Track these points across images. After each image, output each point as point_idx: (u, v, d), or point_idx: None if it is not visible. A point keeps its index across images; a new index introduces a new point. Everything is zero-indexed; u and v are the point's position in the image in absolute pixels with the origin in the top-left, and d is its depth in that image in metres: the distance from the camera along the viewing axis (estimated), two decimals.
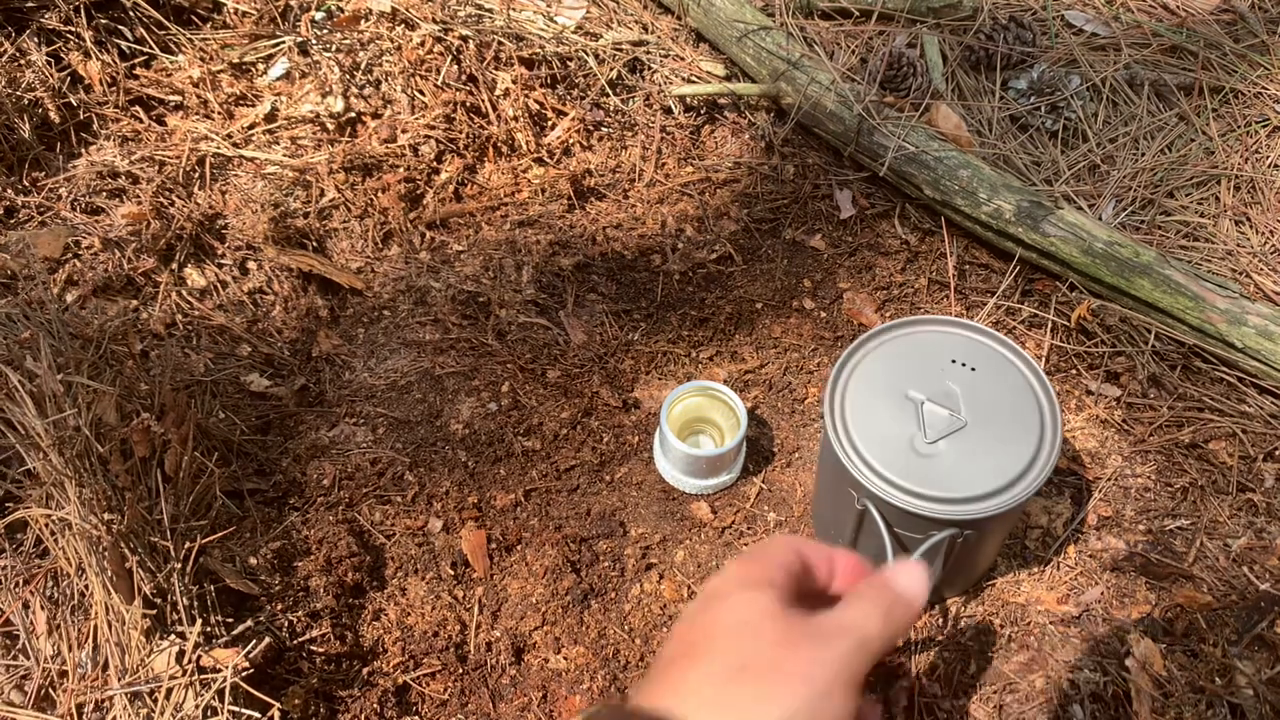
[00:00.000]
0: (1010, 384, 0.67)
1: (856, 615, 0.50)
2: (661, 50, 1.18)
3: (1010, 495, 0.62)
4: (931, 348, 0.69)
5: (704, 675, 0.46)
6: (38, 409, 0.71)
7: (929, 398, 0.66)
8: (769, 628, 0.47)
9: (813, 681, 0.46)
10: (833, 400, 0.67)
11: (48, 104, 1.04)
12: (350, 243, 1.03)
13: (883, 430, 0.65)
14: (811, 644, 0.47)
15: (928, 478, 0.63)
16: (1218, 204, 1.05)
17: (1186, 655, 0.76)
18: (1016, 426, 0.65)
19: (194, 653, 0.69)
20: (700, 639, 0.48)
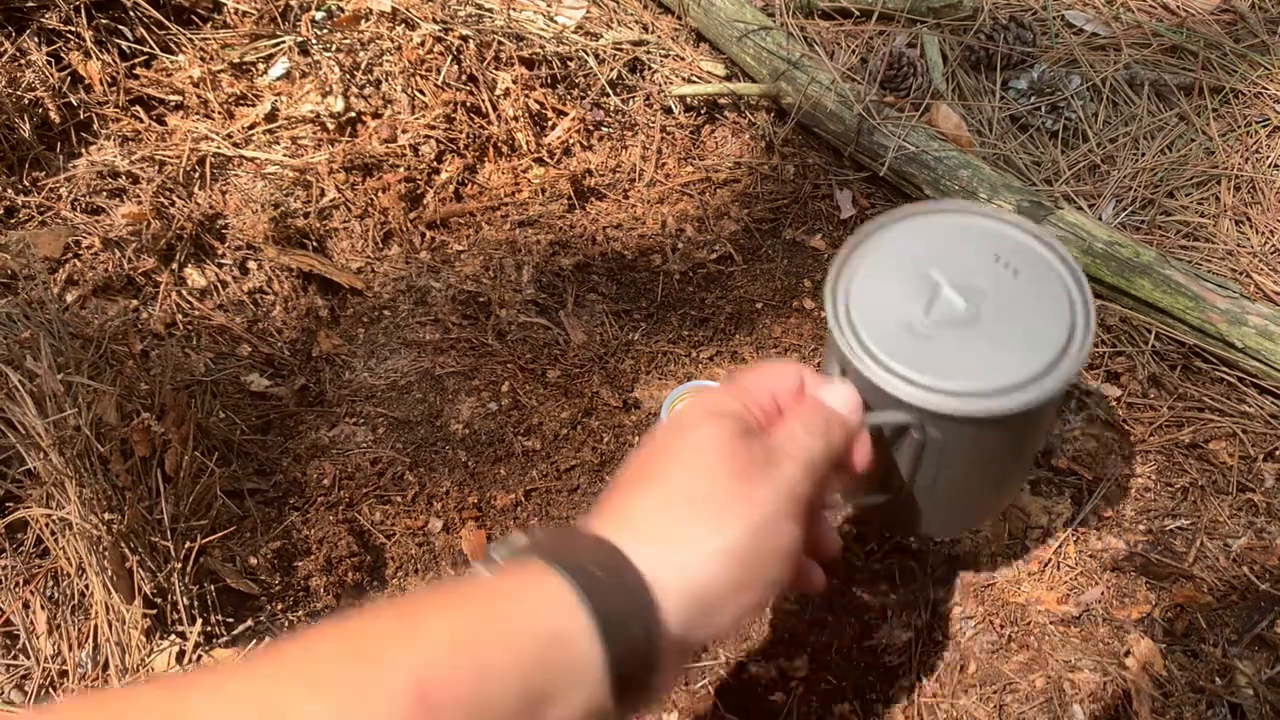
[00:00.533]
0: (1048, 302, 0.57)
1: (799, 437, 0.49)
2: (662, 50, 1.18)
3: (983, 403, 0.53)
4: (980, 237, 0.60)
5: (650, 503, 0.45)
6: (38, 409, 0.71)
7: (951, 283, 0.58)
8: (723, 460, 0.46)
9: (756, 515, 0.45)
10: (848, 258, 0.59)
11: (48, 104, 1.04)
12: (350, 243, 1.03)
13: (887, 298, 0.57)
14: (760, 473, 0.46)
15: (906, 357, 0.55)
16: (1218, 204, 1.05)
17: (1186, 655, 0.76)
18: (1029, 345, 0.56)
19: (194, 652, 0.69)
20: (655, 466, 0.47)
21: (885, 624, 0.79)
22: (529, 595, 0.39)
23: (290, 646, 0.36)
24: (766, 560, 0.45)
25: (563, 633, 0.38)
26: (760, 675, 0.75)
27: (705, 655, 0.76)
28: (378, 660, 0.35)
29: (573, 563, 0.40)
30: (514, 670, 0.37)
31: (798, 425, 0.50)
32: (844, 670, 0.76)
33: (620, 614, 0.40)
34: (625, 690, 0.40)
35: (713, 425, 0.48)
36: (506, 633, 0.37)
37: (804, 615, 0.79)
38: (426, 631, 0.36)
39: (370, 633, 0.37)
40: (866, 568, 0.82)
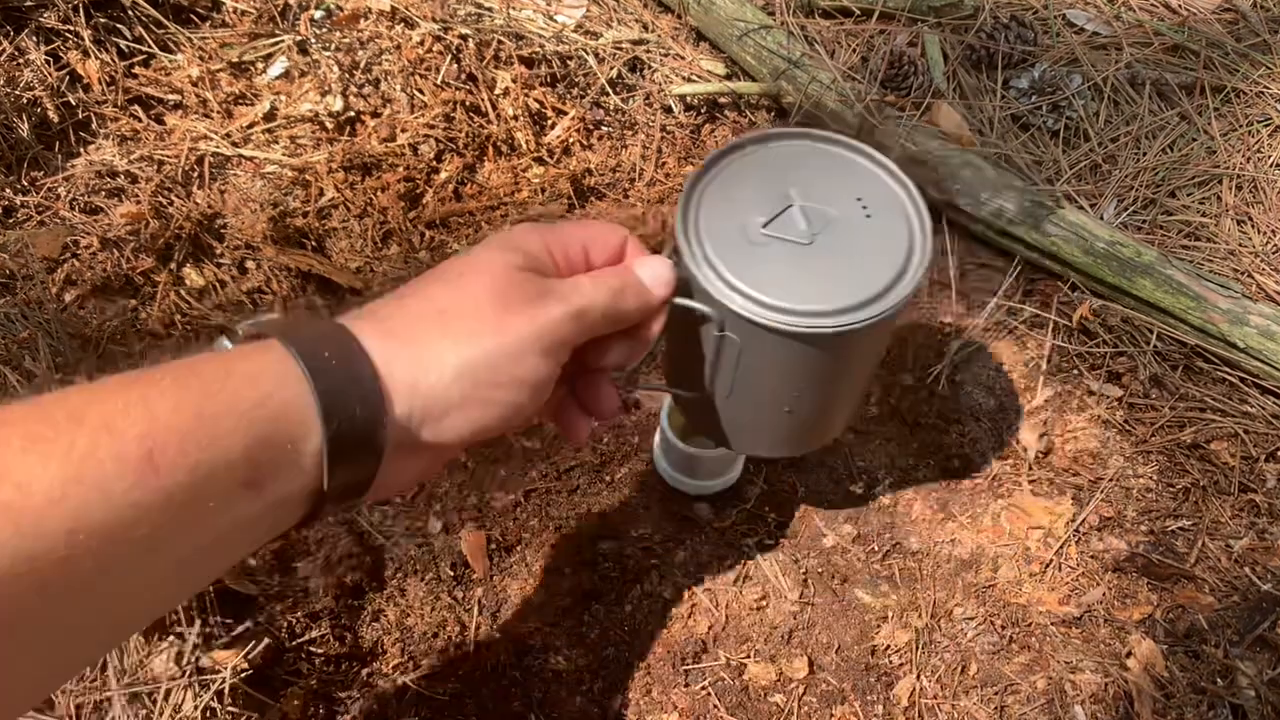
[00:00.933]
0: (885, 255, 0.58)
1: (584, 287, 0.51)
2: (662, 49, 1.17)
3: (775, 317, 0.54)
4: (853, 173, 0.62)
5: (406, 310, 0.47)
6: None
7: (802, 205, 0.59)
8: (489, 284, 0.47)
9: (505, 338, 0.46)
10: (720, 158, 0.61)
11: (46, 103, 1.04)
12: (349, 242, 1.02)
13: (738, 201, 0.59)
14: (525, 304, 0.48)
15: (729, 256, 0.56)
16: (1219, 204, 1.05)
17: (1188, 656, 0.76)
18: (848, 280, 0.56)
19: (193, 654, 0.69)
20: (429, 281, 0.49)
21: (885, 624, 0.79)
22: (259, 372, 0.40)
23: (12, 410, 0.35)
24: (500, 384, 0.46)
25: (287, 410, 0.40)
26: (760, 675, 0.75)
27: (705, 656, 0.76)
28: (107, 426, 0.35)
29: (307, 345, 0.42)
30: (239, 441, 0.38)
31: (587, 278, 0.52)
32: (844, 671, 0.76)
33: (342, 396, 0.41)
34: (342, 474, 0.42)
35: (495, 253, 0.50)
36: (233, 406, 0.38)
37: (804, 616, 0.79)
38: (157, 400, 0.37)
39: (99, 399, 0.36)
40: (867, 568, 0.82)
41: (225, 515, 0.38)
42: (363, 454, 0.42)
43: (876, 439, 0.90)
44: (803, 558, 0.82)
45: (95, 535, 0.34)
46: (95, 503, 0.34)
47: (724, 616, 0.79)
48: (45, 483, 0.33)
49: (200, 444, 0.37)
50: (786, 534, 0.84)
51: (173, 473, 0.36)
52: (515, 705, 0.74)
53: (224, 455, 0.37)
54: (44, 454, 0.34)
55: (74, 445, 0.34)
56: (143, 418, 0.36)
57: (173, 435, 0.36)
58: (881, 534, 0.84)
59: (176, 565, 0.38)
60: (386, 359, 0.44)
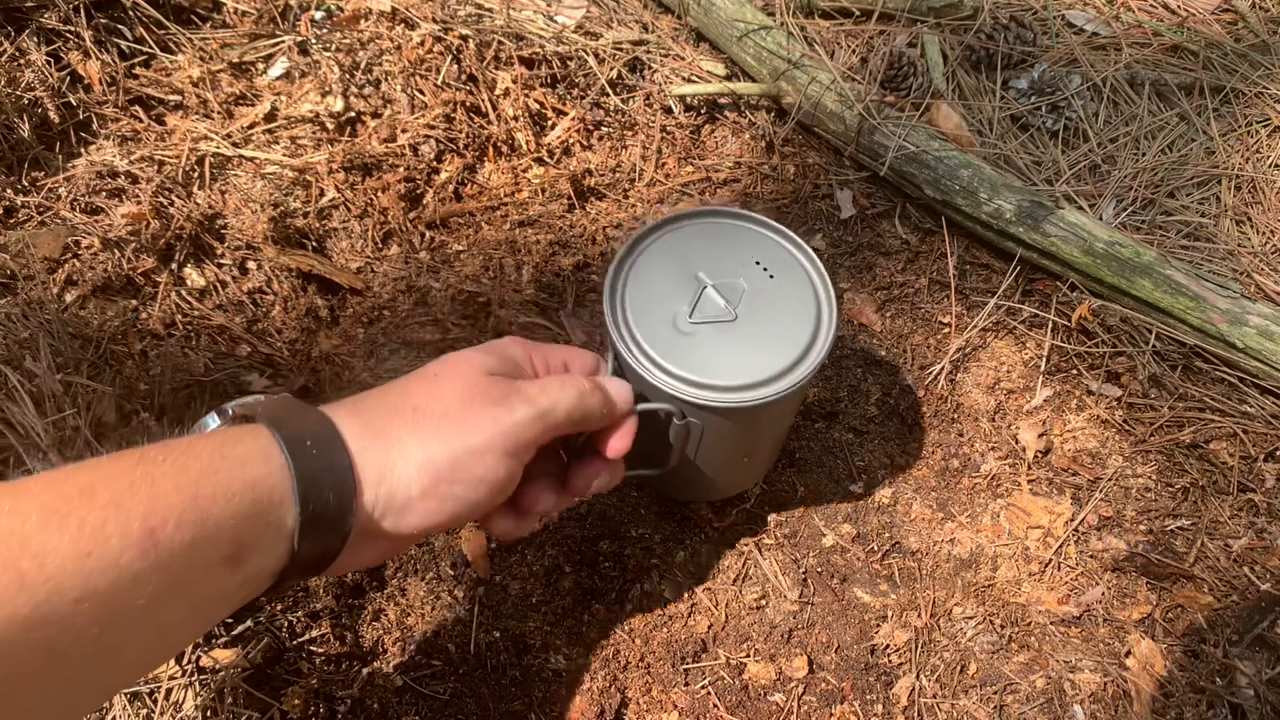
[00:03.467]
0: (797, 304, 0.66)
1: (550, 387, 0.54)
2: (662, 50, 1.18)
3: (734, 396, 0.61)
4: (743, 243, 0.69)
5: (384, 407, 0.52)
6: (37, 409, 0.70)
7: (715, 283, 0.65)
8: (460, 387, 0.51)
9: (471, 437, 0.50)
10: (626, 258, 0.67)
11: (47, 104, 1.04)
12: (350, 243, 1.03)
13: (658, 297, 0.65)
14: (492, 405, 0.51)
15: (671, 353, 0.62)
16: (1218, 204, 1.05)
17: (1187, 655, 0.76)
18: (778, 344, 0.63)
19: (193, 653, 0.69)
20: (409, 380, 0.53)
21: (885, 624, 0.79)
22: (249, 456, 0.44)
23: (31, 484, 0.39)
24: (460, 480, 0.50)
25: (271, 494, 0.44)
26: (760, 675, 0.75)
27: (705, 655, 0.76)
28: (116, 502, 0.39)
29: (292, 433, 0.46)
30: (227, 520, 0.42)
31: (554, 380, 0.55)
32: (843, 670, 0.76)
33: (318, 482, 0.45)
34: (308, 549, 0.45)
35: (474, 355, 0.54)
36: (225, 489, 0.42)
37: (804, 616, 0.79)
38: (160, 480, 0.41)
39: (107, 477, 0.40)
40: (867, 568, 0.82)
41: (209, 587, 0.42)
42: (330, 534, 0.46)
43: (876, 439, 0.90)
44: (802, 557, 0.82)
45: (100, 603, 0.37)
46: (102, 573, 0.37)
47: (724, 616, 0.79)
48: (59, 555, 0.37)
49: (194, 521, 0.41)
50: (786, 534, 0.84)
51: (170, 547, 0.39)
52: (515, 705, 0.74)
53: (214, 532, 0.41)
54: (59, 528, 0.37)
55: (85, 520, 0.38)
56: (147, 496, 0.40)
57: (172, 513, 0.40)
58: (881, 533, 0.84)
59: (165, 631, 0.42)
60: (360, 449, 0.48)
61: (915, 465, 0.89)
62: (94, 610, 0.37)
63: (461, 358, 0.54)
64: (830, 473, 0.88)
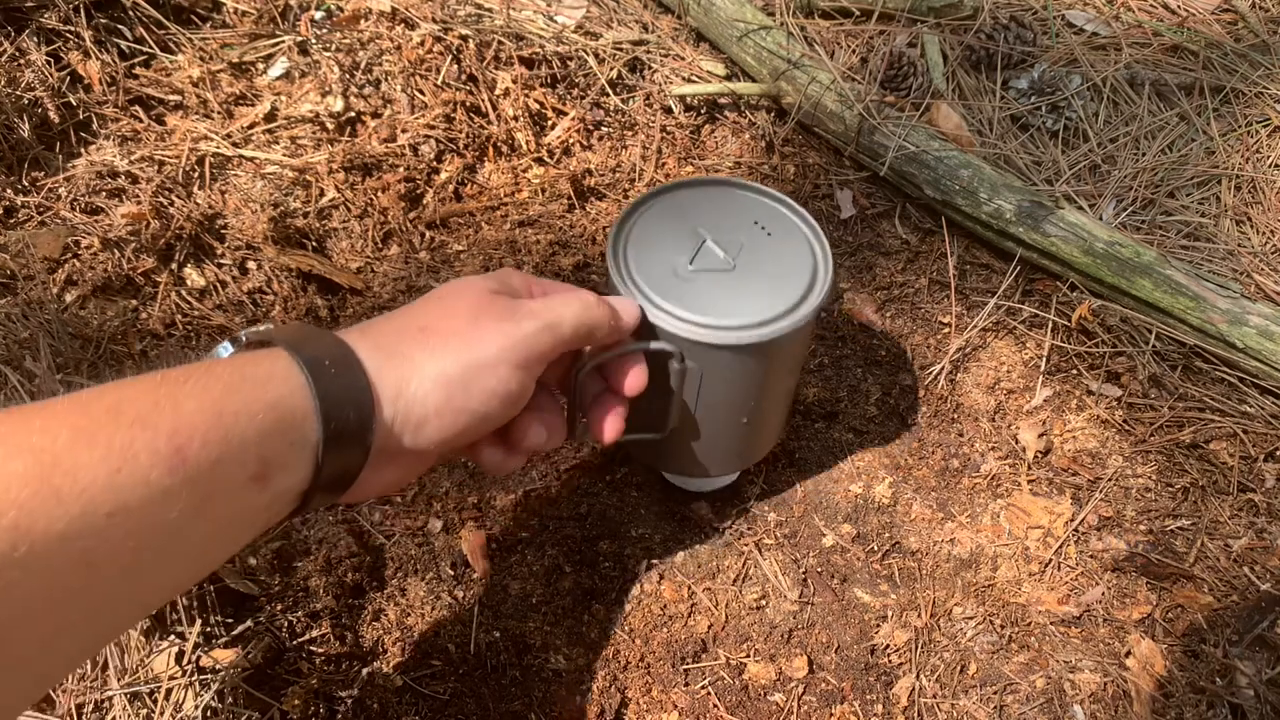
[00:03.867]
0: (794, 258, 0.69)
1: (555, 303, 0.55)
2: (662, 50, 1.18)
3: (733, 335, 0.63)
4: (743, 205, 0.72)
5: (392, 327, 0.52)
6: None
7: (714, 238, 0.69)
8: (466, 303, 0.53)
9: (481, 349, 0.51)
10: (628, 219, 0.70)
11: (47, 104, 1.04)
12: (350, 242, 1.03)
13: (659, 248, 0.68)
14: (499, 319, 0.52)
15: (671, 296, 0.64)
16: (1218, 204, 1.05)
17: (1187, 655, 0.76)
18: (776, 290, 0.66)
19: (193, 653, 0.69)
20: (417, 303, 0.54)
21: (885, 624, 0.79)
22: (269, 377, 0.45)
23: (58, 404, 0.40)
24: (474, 395, 0.51)
25: (293, 412, 0.45)
26: (760, 675, 0.75)
27: (705, 655, 0.76)
28: (142, 420, 0.40)
29: (310, 354, 0.47)
30: (252, 438, 0.43)
31: (558, 295, 0.57)
32: (844, 670, 0.76)
33: (339, 403, 0.46)
34: (331, 467, 0.46)
35: (474, 280, 0.55)
36: (248, 407, 0.43)
37: (804, 616, 0.79)
38: (184, 399, 0.41)
39: (133, 397, 0.41)
40: (867, 568, 0.82)
41: (238, 503, 0.43)
42: (352, 450, 0.47)
43: (876, 439, 0.90)
44: (802, 557, 0.82)
45: (133, 517, 0.38)
46: (133, 489, 0.38)
47: (724, 616, 0.79)
48: (91, 471, 0.37)
49: (220, 439, 0.41)
50: (786, 534, 0.84)
51: (198, 464, 0.40)
52: (515, 705, 0.74)
53: (239, 450, 0.42)
54: (89, 445, 0.38)
55: (114, 438, 0.38)
56: (172, 415, 0.40)
57: (197, 431, 0.41)
58: (881, 533, 0.84)
59: (196, 548, 0.42)
60: (376, 368, 0.49)
61: (915, 465, 0.89)
62: (127, 524, 0.38)
63: (464, 281, 0.55)
64: (830, 473, 0.88)
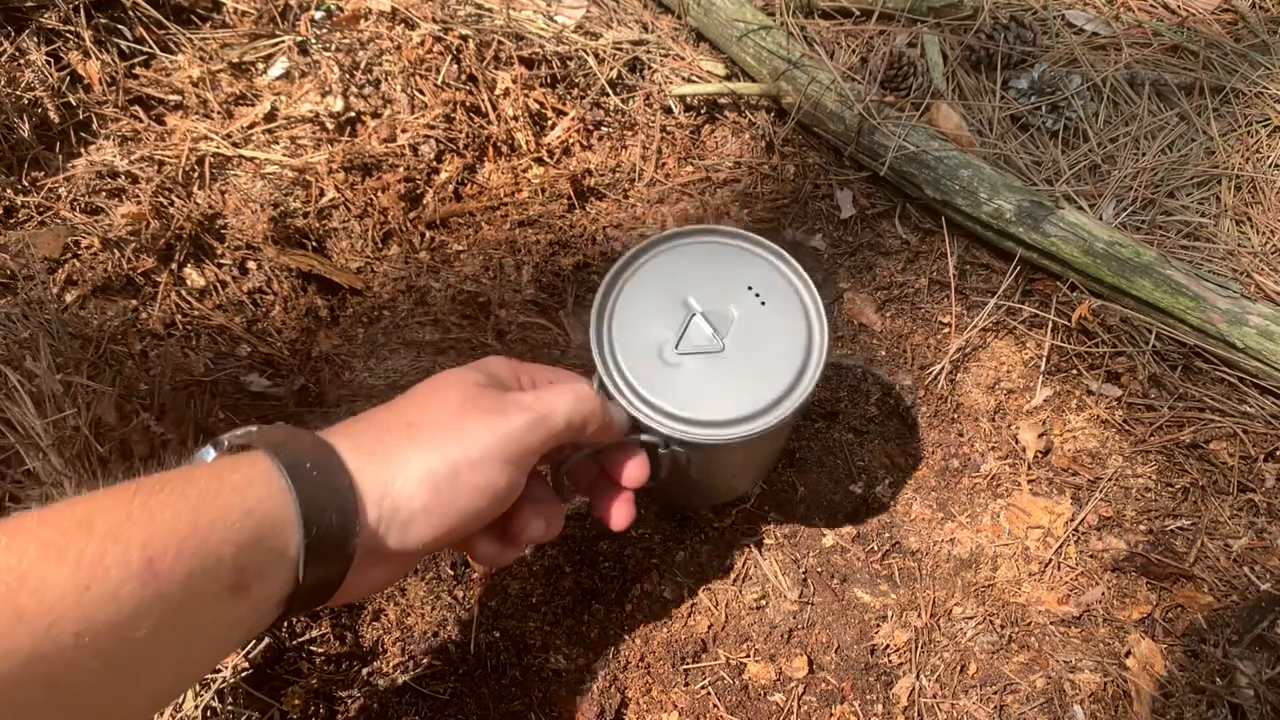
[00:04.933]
0: (788, 335, 0.63)
1: (547, 395, 0.54)
2: (661, 50, 1.18)
3: (716, 433, 0.60)
4: (737, 266, 0.66)
5: (376, 425, 0.50)
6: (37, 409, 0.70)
7: (704, 310, 0.63)
8: (452, 398, 0.51)
9: (469, 445, 0.49)
10: (616, 279, 0.65)
11: (47, 103, 1.04)
12: (350, 242, 1.03)
13: (645, 325, 0.63)
14: (487, 413, 0.50)
15: (656, 386, 0.60)
16: (1218, 204, 1.05)
17: (1187, 655, 0.76)
18: (765, 376, 0.61)
19: None
20: (401, 399, 0.52)
21: (885, 624, 0.79)
22: (248, 482, 0.43)
23: (27, 519, 0.38)
24: (462, 492, 0.48)
25: (273, 519, 0.43)
26: (760, 675, 0.75)
27: (705, 655, 0.76)
28: (113, 534, 0.38)
29: (290, 457, 0.45)
30: (229, 548, 0.41)
31: (551, 388, 0.55)
32: (844, 670, 0.76)
33: (321, 508, 0.44)
34: (313, 575, 0.45)
35: (463, 372, 0.53)
36: (225, 515, 0.41)
37: (804, 616, 0.79)
38: (158, 509, 0.40)
39: (106, 508, 0.39)
40: (867, 568, 0.82)
41: (214, 616, 0.41)
42: (335, 557, 0.45)
43: (876, 439, 0.90)
44: (802, 557, 0.82)
45: (101, 636, 0.37)
46: (102, 607, 0.37)
47: (724, 616, 0.79)
48: (59, 589, 0.36)
49: (195, 550, 0.40)
50: (786, 534, 0.84)
51: (171, 577, 0.39)
52: (515, 705, 0.74)
53: (215, 560, 0.40)
54: (57, 561, 0.37)
55: (84, 553, 0.37)
56: (145, 526, 0.39)
57: (171, 541, 0.39)
58: (881, 533, 0.84)
59: (168, 663, 0.41)
60: (359, 468, 0.47)
61: (915, 465, 0.89)
62: (95, 644, 0.36)
63: (449, 374, 0.53)
64: (830, 473, 0.88)
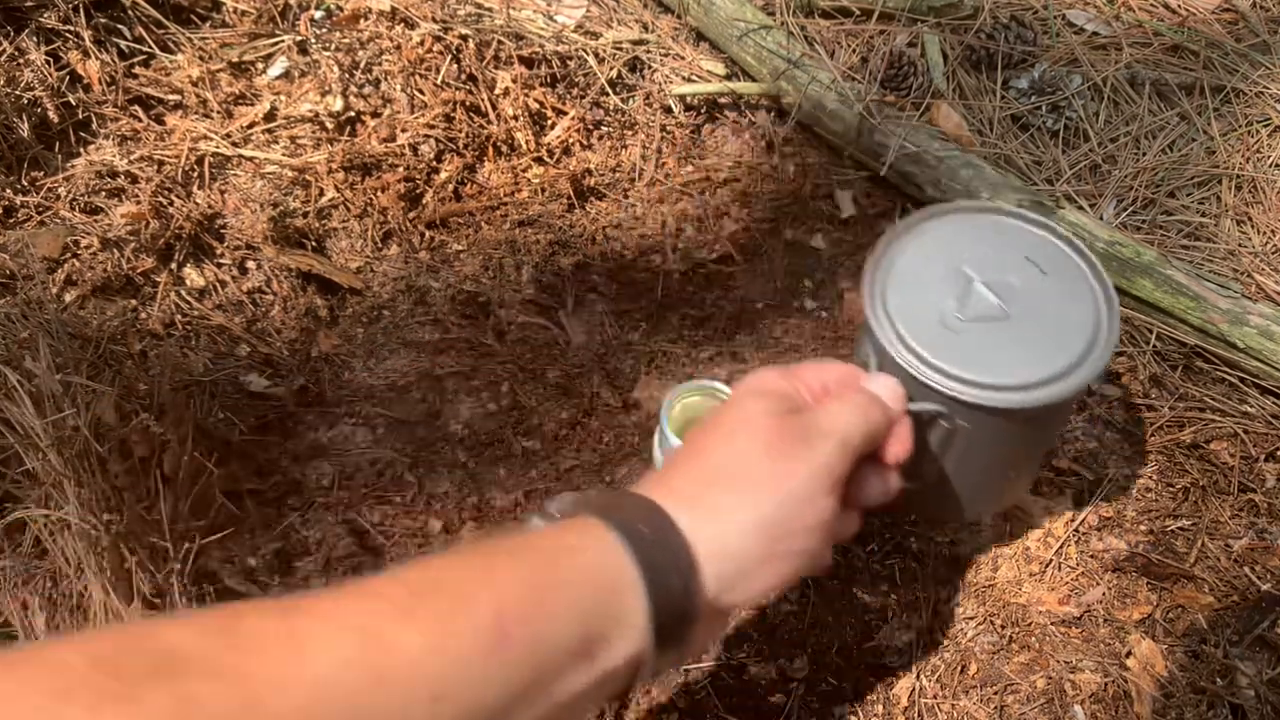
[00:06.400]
0: (1074, 302, 0.61)
1: (838, 413, 0.52)
2: (661, 49, 1.18)
3: (1012, 397, 0.57)
4: (1010, 236, 0.64)
5: (691, 476, 0.49)
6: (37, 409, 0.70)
7: (983, 280, 0.61)
8: (757, 435, 0.49)
9: (792, 484, 0.48)
10: (885, 251, 0.63)
11: (47, 103, 1.04)
12: (350, 242, 1.03)
13: (922, 293, 0.61)
14: (795, 445, 0.49)
15: (941, 350, 0.58)
16: (1219, 204, 1.05)
17: (1188, 656, 0.76)
18: (1056, 343, 0.59)
19: None
20: (700, 441, 0.51)
21: (886, 625, 0.79)
22: (586, 547, 0.43)
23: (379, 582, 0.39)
24: (796, 533, 0.47)
25: (615, 583, 0.42)
26: (760, 675, 0.75)
27: (705, 655, 0.76)
28: (462, 595, 0.38)
29: (623, 521, 0.44)
30: (574, 613, 0.40)
31: (838, 403, 0.53)
32: (844, 671, 0.76)
33: (663, 570, 0.43)
34: (663, 642, 0.43)
35: (752, 402, 0.51)
36: (569, 580, 0.41)
37: (804, 616, 0.79)
38: (502, 572, 0.40)
39: (452, 571, 0.40)
40: (867, 568, 0.82)
41: (561, 685, 0.40)
42: (681, 620, 0.44)
43: None
44: None
45: (453, 701, 0.36)
46: (455, 670, 0.37)
47: None
48: (414, 650, 0.36)
49: (540, 615, 0.39)
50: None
51: (519, 642, 0.38)
52: None
53: (562, 626, 0.40)
54: (410, 623, 0.37)
55: (437, 615, 0.37)
56: (492, 590, 0.39)
57: (519, 606, 0.39)
58: (881, 533, 0.84)
59: None
60: (690, 526, 0.45)
61: None
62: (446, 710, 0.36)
63: (741, 409, 0.51)
64: None
